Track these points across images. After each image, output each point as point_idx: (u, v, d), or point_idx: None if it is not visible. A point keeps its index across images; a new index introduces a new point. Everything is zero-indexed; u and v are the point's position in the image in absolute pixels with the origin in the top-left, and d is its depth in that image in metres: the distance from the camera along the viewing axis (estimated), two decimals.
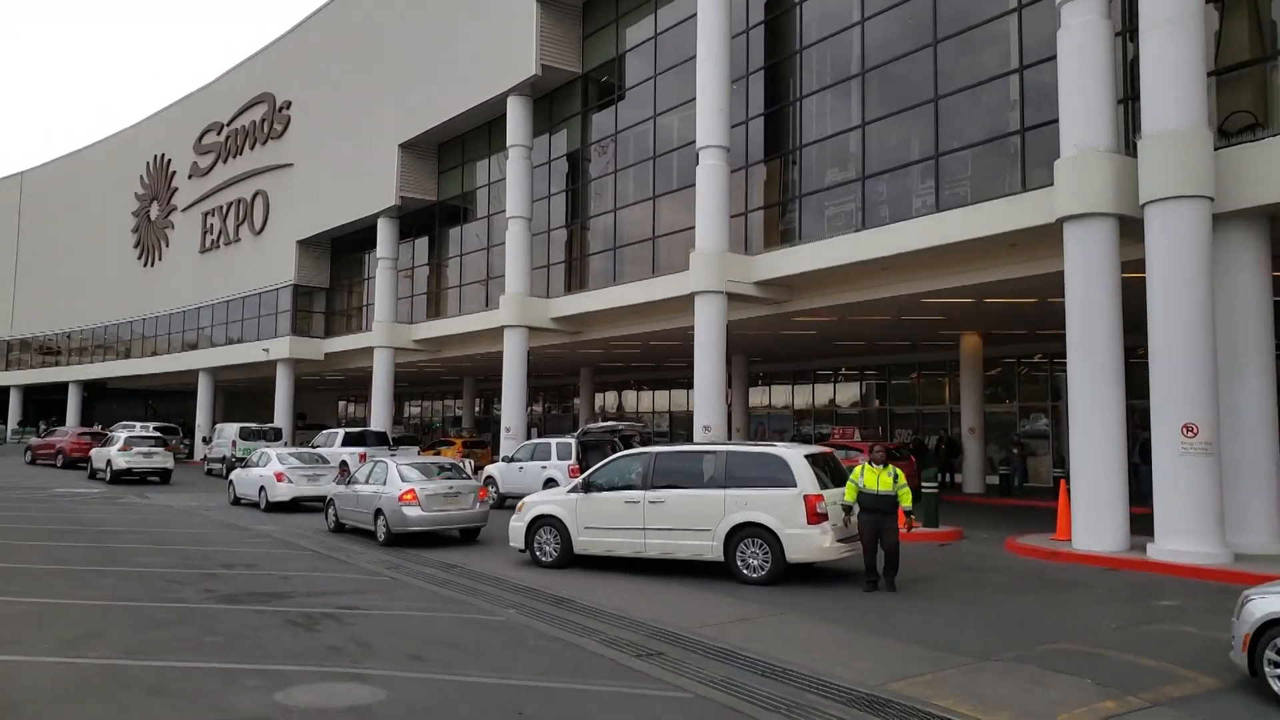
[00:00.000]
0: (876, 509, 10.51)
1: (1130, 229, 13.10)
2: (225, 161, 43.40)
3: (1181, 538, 11.95)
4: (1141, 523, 13.18)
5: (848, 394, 33.51)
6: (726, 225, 19.81)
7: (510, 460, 21.05)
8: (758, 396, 35.16)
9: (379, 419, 33.48)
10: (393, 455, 20.72)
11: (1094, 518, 12.98)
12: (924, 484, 15.59)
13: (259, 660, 7.28)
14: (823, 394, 33.81)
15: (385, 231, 33.91)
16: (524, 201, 26.90)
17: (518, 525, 12.64)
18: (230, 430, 32.26)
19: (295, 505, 19.99)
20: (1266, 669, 6.43)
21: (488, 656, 7.56)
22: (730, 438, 23.51)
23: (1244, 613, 6.67)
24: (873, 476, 10.58)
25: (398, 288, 34.19)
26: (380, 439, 27.76)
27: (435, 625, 8.78)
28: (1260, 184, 12.14)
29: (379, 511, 14.62)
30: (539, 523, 12.41)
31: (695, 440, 19.33)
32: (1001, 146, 16.37)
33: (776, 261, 19.36)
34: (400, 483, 14.39)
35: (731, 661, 7.39)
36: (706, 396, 19.57)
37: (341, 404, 61.34)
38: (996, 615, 9.36)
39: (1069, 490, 13.64)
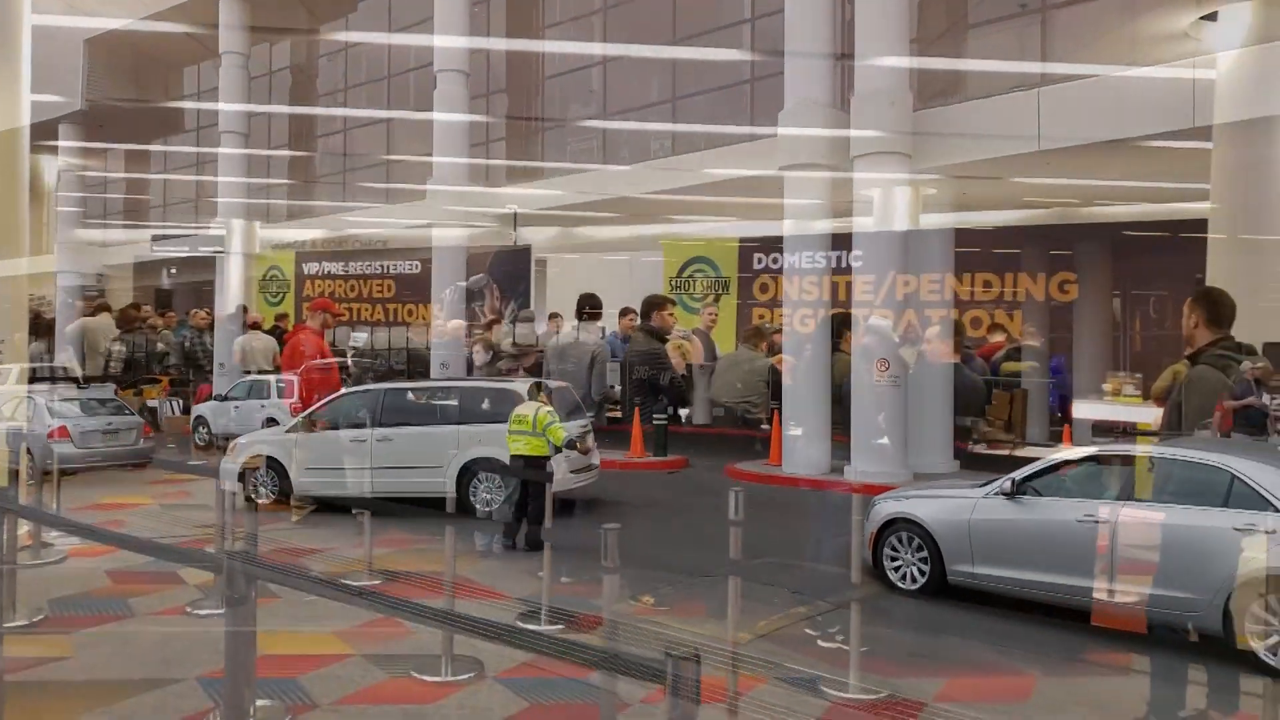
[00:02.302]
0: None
1: (845, 181, 14.20)
2: None
3: (872, 460, 13.41)
4: (845, 448, 14.62)
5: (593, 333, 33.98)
6: (466, 153, 19.12)
7: (224, 399, 19.28)
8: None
9: (65, 354, 29.40)
10: (82, 390, 18.27)
11: (801, 444, 14.21)
12: (655, 416, 16.24)
13: None
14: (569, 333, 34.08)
15: (70, 139, 29.34)
16: (239, 116, 24.29)
17: (230, 467, 11.60)
18: None
19: None
20: (886, 562, 7.56)
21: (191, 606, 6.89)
22: (473, 375, 23.17)
23: (872, 514, 7.80)
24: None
25: (88, 206, 29.93)
26: (68, 378, 24.35)
27: (131, 577, 7.87)
28: (948, 146, 13.61)
29: (28, 451, 13.17)
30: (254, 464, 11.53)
31: (433, 377, 18.82)
32: (738, 95, 17.07)
33: (515, 196, 19.05)
34: (49, 419, 13.27)
35: (456, 594, 7.26)
36: (444, 332, 19.05)
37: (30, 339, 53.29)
38: (713, 535, 9.95)
39: (781, 420, 14.83)
